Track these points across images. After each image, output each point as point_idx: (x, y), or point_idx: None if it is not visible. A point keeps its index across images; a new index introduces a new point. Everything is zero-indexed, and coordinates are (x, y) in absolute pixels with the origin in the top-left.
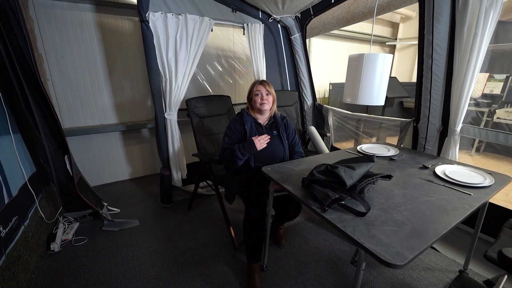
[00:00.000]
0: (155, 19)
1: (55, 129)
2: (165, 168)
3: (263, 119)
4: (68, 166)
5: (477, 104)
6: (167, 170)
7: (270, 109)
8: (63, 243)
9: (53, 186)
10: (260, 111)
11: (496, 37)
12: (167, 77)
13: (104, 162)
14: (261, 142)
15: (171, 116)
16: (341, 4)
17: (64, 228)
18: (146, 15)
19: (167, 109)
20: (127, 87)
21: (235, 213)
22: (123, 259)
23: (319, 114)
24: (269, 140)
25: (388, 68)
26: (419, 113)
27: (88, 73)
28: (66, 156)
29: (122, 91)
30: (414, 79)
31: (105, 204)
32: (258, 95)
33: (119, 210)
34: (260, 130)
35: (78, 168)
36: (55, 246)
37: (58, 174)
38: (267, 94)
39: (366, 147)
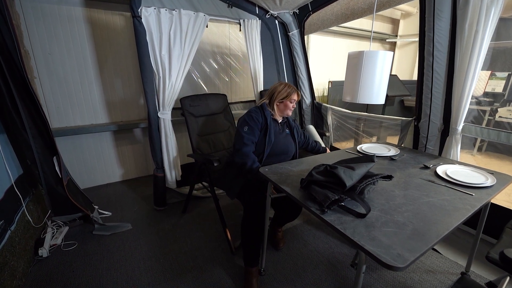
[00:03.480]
0: (148, 14)
1: (43, 129)
2: (158, 170)
3: (278, 118)
4: (57, 168)
5: (478, 102)
6: (161, 171)
7: None
8: (51, 248)
9: (41, 188)
10: (283, 114)
11: (498, 35)
12: (161, 74)
13: (95, 163)
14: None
15: (165, 116)
16: (340, 0)
17: (53, 233)
18: (139, 10)
19: (161, 108)
20: (118, 85)
21: (231, 216)
22: (115, 264)
23: (318, 113)
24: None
25: (389, 66)
26: (420, 112)
27: (78, 71)
28: (54, 158)
29: (114, 89)
30: (415, 77)
31: (96, 207)
32: (292, 103)
33: (110, 214)
34: (276, 125)
35: (68, 170)
36: (44, 252)
37: (47, 176)
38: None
39: (366, 147)
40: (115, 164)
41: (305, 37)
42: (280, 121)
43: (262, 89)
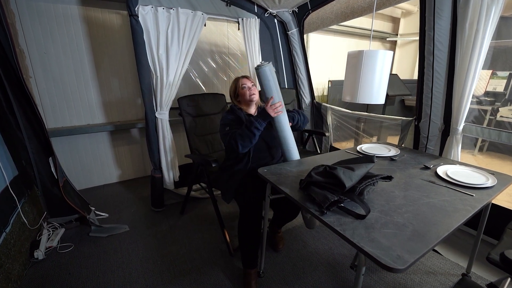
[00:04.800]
0: (145, 13)
1: (38, 129)
2: (156, 170)
3: (252, 111)
4: (52, 169)
5: (479, 102)
6: (158, 172)
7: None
8: (47, 250)
9: (37, 190)
10: (250, 103)
11: (498, 34)
12: (158, 74)
13: (91, 164)
14: (273, 108)
15: (162, 116)
16: None
17: (49, 235)
18: (136, 8)
19: (158, 108)
20: (115, 84)
21: (230, 217)
22: (112, 266)
23: (317, 113)
24: (283, 106)
25: (389, 65)
26: (421, 112)
27: (74, 70)
28: (50, 158)
29: (110, 89)
30: (415, 76)
31: (93, 208)
32: (245, 88)
33: (107, 215)
34: None
35: (64, 171)
36: (39, 254)
37: (42, 177)
38: (253, 85)
39: (366, 147)
40: (112, 165)
41: (305, 36)
42: (255, 113)
43: (261, 89)
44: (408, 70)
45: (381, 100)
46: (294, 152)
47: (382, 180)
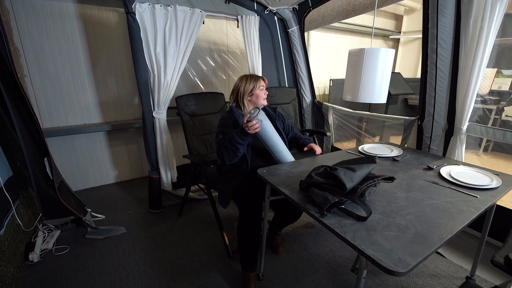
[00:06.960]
0: (142, 10)
1: (33, 129)
2: (153, 171)
3: None
4: (48, 170)
5: (484, 101)
6: (156, 173)
7: None
8: (42, 252)
9: (32, 191)
10: (259, 105)
11: (503, 31)
12: (156, 73)
13: (88, 164)
14: (249, 128)
15: (160, 115)
16: None
17: (44, 237)
18: (132, 6)
19: (156, 107)
20: (112, 83)
21: (229, 219)
22: (109, 269)
23: (318, 113)
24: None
25: (390, 64)
26: (424, 111)
27: (70, 69)
28: (45, 159)
29: (107, 88)
30: (418, 74)
31: (89, 210)
32: (262, 89)
33: (104, 217)
34: None
35: (59, 172)
36: (34, 256)
37: (37, 178)
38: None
39: (368, 147)
40: (109, 165)
41: (305, 33)
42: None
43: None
44: (411, 68)
45: (383, 99)
46: (286, 155)
47: (384, 181)
